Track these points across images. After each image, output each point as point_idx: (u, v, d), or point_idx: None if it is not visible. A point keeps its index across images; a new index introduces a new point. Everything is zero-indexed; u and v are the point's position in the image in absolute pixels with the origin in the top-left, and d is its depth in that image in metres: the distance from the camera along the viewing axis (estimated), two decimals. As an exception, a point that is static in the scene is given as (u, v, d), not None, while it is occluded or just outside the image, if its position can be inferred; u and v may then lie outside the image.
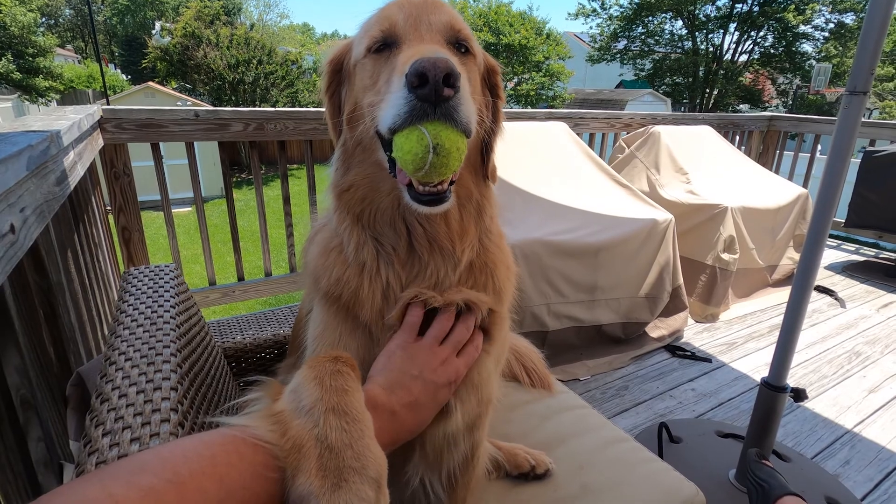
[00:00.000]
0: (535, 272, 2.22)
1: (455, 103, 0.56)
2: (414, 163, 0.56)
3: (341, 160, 0.71)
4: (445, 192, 0.61)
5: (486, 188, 0.75)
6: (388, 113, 0.57)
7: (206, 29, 18.40)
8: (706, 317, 3.01)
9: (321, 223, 0.77)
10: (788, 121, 4.85)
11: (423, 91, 0.54)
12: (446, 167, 0.57)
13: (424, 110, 0.55)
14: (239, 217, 2.97)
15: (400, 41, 0.64)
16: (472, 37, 0.70)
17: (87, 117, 1.74)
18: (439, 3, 0.69)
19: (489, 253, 0.76)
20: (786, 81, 24.11)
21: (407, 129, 0.56)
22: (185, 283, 1.01)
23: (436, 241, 0.69)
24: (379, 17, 0.67)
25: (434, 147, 0.55)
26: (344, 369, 0.58)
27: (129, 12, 49.92)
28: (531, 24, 19.47)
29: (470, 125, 0.58)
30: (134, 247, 2.43)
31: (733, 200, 3.02)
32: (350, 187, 0.70)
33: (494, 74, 0.77)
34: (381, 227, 0.69)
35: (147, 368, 0.63)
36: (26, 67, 21.10)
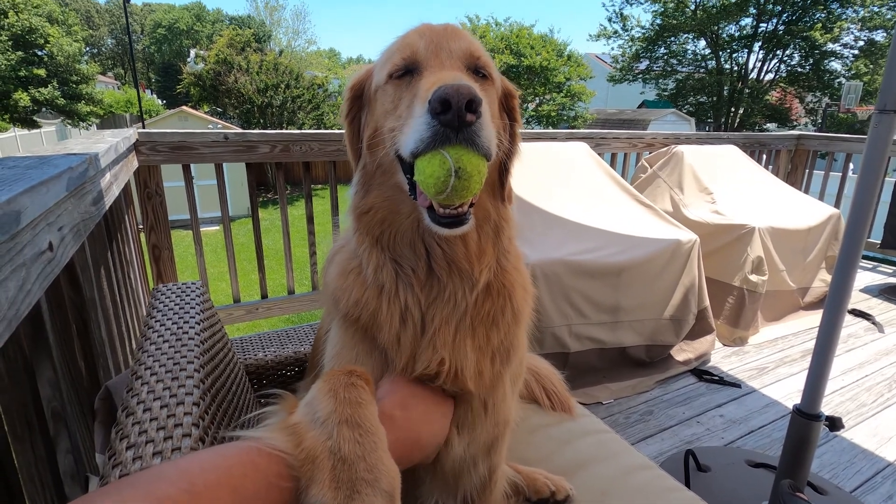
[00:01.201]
0: (556, 292, 2.20)
1: (477, 128, 0.57)
2: (436, 186, 0.58)
3: (361, 183, 0.73)
4: (465, 214, 0.62)
5: (504, 209, 0.76)
6: (410, 137, 0.59)
7: (238, 55, 19.16)
8: (734, 340, 2.91)
9: (340, 244, 0.79)
10: (818, 139, 4.75)
11: (446, 117, 0.56)
12: (467, 190, 0.58)
13: (447, 135, 0.57)
14: (264, 235, 3.04)
15: (421, 68, 0.66)
16: (490, 63, 0.72)
17: (123, 140, 1.83)
18: (459, 30, 0.71)
19: (507, 274, 0.76)
20: (814, 100, 23.62)
21: (429, 154, 0.58)
22: (211, 301, 1.04)
23: (454, 263, 0.69)
24: (400, 44, 0.70)
25: (456, 171, 0.57)
26: (358, 382, 0.58)
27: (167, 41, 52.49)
28: (552, 46, 19.68)
29: (491, 149, 0.59)
30: (163, 264, 2.51)
31: (761, 221, 2.95)
32: (370, 209, 0.71)
33: (511, 98, 0.78)
34: (400, 249, 0.70)
35: (171, 384, 0.64)
36: (70, 94, 22.28)
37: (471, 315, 0.72)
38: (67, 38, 22.11)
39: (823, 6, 20.50)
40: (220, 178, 2.59)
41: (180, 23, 51.40)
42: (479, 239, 0.71)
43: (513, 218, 0.77)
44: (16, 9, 20.17)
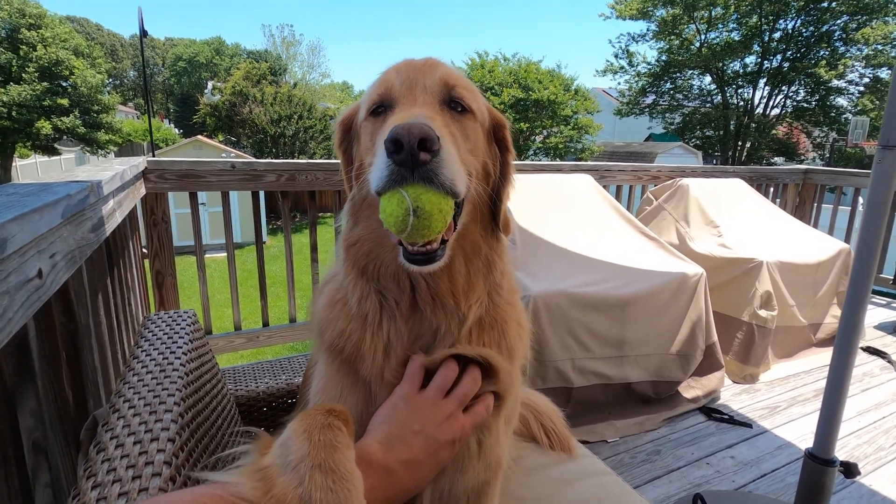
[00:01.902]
0: (559, 325, 2.16)
1: (434, 166, 0.57)
2: (395, 225, 0.57)
3: (350, 213, 0.73)
4: (436, 251, 0.61)
5: (497, 242, 0.75)
6: (373, 176, 0.59)
7: (253, 87, 19.79)
8: (744, 377, 2.83)
9: (331, 274, 0.78)
10: (825, 174, 4.73)
11: (399, 156, 0.56)
12: (428, 229, 0.57)
13: (402, 174, 0.57)
14: (274, 262, 3.05)
15: (394, 104, 0.67)
16: (468, 94, 0.71)
17: (131, 168, 1.86)
18: (436, 63, 0.71)
19: (499, 309, 0.74)
20: (821, 134, 23.74)
21: (389, 193, 0.58)
22: (202, 331, 1.03)
23: (439, 297, 0.68)
24: (379, 81, 0.71)
25: (414, 210, 0.56)
26: (335, 423, 0.56)
27: (187, 73, 54.42)
28: (559, 80, 20.07)
29: (455, 186, 0.58)
30: (166, 291, 2.51)
31: (769, 254, 2.91)
32: (357, 241, 0.71)
33: (502, 129, 0.78)
34: (384, 281, 0.69)
35: (148, 418, 0.62)
36: (90, 122, 23.00)
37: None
38: (91, 70, 22.99)
39: (827, 44, 20.85)
40: (226, 206, 2.62)
41: (200, 56, 53.39)
42: (468, 273, 0.70)
43: (507, 251, 0.76)
44: (44, 42, 21.10)
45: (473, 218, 0.70)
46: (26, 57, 20.75)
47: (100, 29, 57.11)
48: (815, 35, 21.02)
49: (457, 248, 0.68)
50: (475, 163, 0.68)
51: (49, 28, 21.57)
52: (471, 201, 0.68)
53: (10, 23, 20.87)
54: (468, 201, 0.67)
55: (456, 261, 0.68)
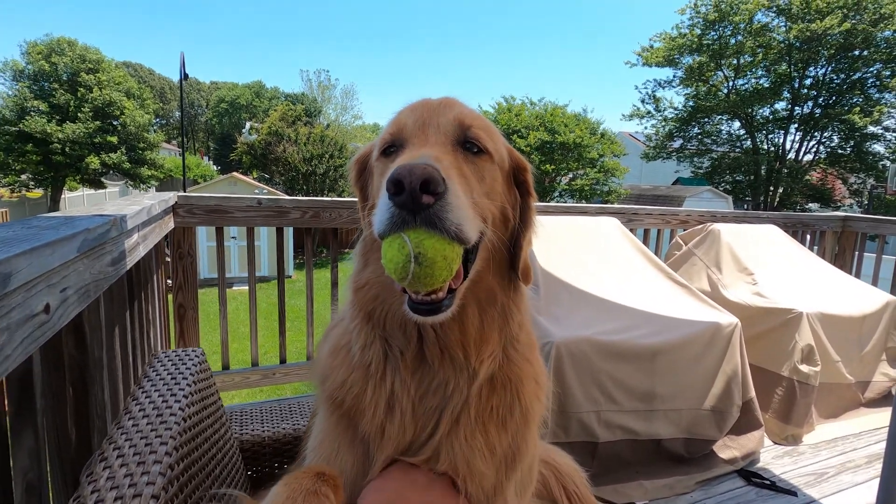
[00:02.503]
0: (584, 375, 2.05)
1: (438, 210, 0.53)
2: (396, 272, 0.54)
3: (360, 254, 0.70)
4: (442, 301, 0.57)
5: (516, 291, 0.70)
6: (376, 218, 0.57)
7: (288, 128, 20.67)
8: (786, 438, 2.62)
9: (338, 318, 0.75)
10: (866, 221, 4.53)
11: (399, 198, 0.53)
12: (431, 277, 0.53)
13: (403, 218, 0.54)
14: (299, 296, 3.05)
15: (405, 144, 0.65)
16: (484, 136, 0.69)
17: (160, 203, 1.90)
18: (452, 102, 0.69)
19: (514, 366, 0.68)
20: (858, 181, 23.07)
21: (391, 237, 0.55)
22: (209, 370, 1.00)
23: (448, 350, 0.63)
24: (393, 120, 0.70)
25: (415, 256, 0.53)
26: (323, 489, 0.51)
27: (228, 114, 57.46)
28: (585, 124, 20.29)
29: (463, 232, 0.55)
30: (187, 324, 2.52)
31: (809, 305, 2.74)
32: (365, 284, 0.67)
33: (523, 172, 0.75)
34: (390, 329, 0.65)
35: (135, 469, 0.58)
36: (135, 159, 24.34)
37: (472, 411, 0.64)
38: (140, 111, 24.53)
39: (860, 91, 20.58)
40: (251, 241, 2.65)
41: (241, 98, 56.50)
42: (482, 324, 0.65)
43: (527, 302, 0.71)
44: (100, 85, 22.72)
45: (489, 265, 0.66)
46: (83, 98, 22.33)
47: (152, 73, 61.40)
48: (848, 82, 20.80)
49: (470, 295, 0.63)
50: (491, 207, 0.65)
51: (105, 72, 23.27)
52: (486, 247, 0.64)
53: (72, 67, 22.62)
54: (483, 247, 0.63)
55: (468, 310, 0.63)
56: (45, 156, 21.82)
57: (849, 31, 18.54)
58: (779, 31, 20.39)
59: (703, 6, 21.34)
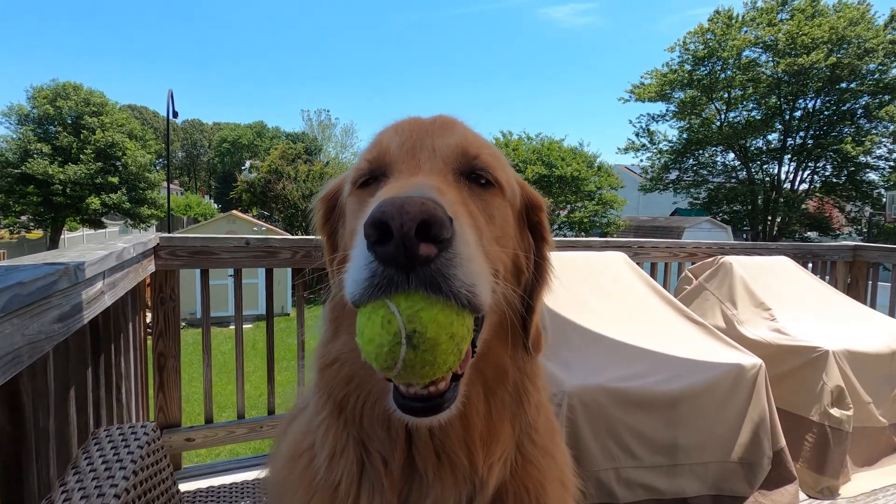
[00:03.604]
0: (599, 427, 1.86)
1: (444, 265, 0.37)
2: (379, 358, 0.37)
3: (329, 319, 0.53)
4: (443, 393, 0.40)
5: (530, 362, 0.53)
6: (349, 278, 0.40)
7: (288, 166, 20.90)
8: (821, 491, 2.39)
9: (302, 403, 0.58)
10: (878, 251, 4.39)
11: (384, 249, 0.37)
12: (432, 365, 0.37)
13: (391, 278, 0.37)
14: (292, 336, 2.87)
15: (389, 172, 0.50)
16: (495, 163, 0.53)
17: (136, 246, 1.77)
18: (451, 122, 0.55)
19: (532, 466, 0.51)
20: (855, 209, 23.16)
21: (370, 305, 0.38)
22: (161, 450, 0.83)
23: (447, 453, 0.46)
24: (372, 143, 0.55)
25: (408, 336, 0.36)
26: None
27: (230, 154, 58.42)
28: (582, 157, 20.52)
29: (477, 296, 0.39)
30: (167, 374, 2.34)
31: (834, 342, 2.57)
32: (335, 361, 0.50)
33: (538, 211, 0.60)
34: (369, 426, 0.48)
35: None
36: (136, 198, 24.48)
37: None
38: (142, 151, 24.86)
39: (851, 121, 20.93)
40: (238, 283, 2.50)
41: (243, 138, 57.52)
42: (489, 412, 0.48)
43: (544, 375, 0.55)
44: (103, 127, 23.10)
45: (498, 332, 0.49)
46: (86, 140, 22.66)
47: (156, 115, 62.76)
48: (837, 113, 21.19)
49: (474, 375, 0.47)
50: (503, 256, 0.49)
51: (109, 114, 23.72)
52: (496, 310, 0.48)
53: (76, 111, 23.07)
54: (492, 310, 0.47)
55: (472, 395, 0.47)
56: (46, 197, 21.95)
57: (835, 64, 19.03)
58: (767, 66, 20.94)
59: (692, 44, 21.99)
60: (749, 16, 21.25)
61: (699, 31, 21.60)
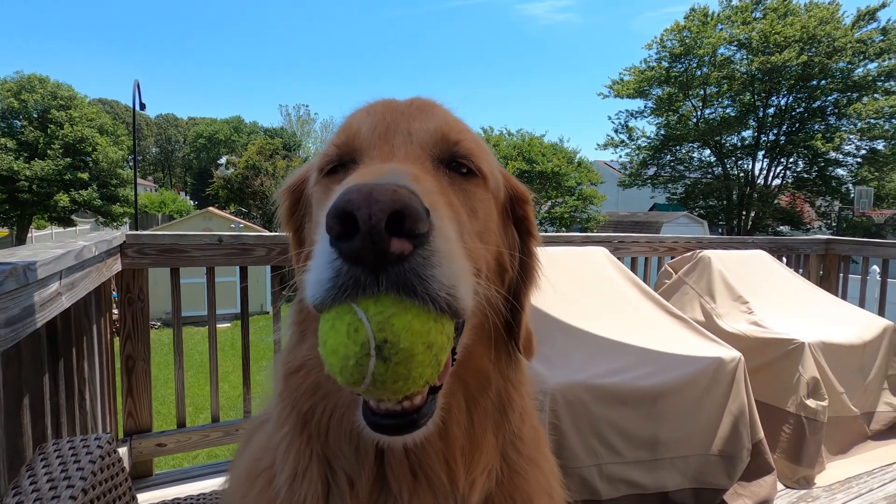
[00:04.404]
0: (582, 424, 1.84)
1: (420, 264, 0.33)
2: (344, 372, 0.32)
3: (296, 323, 0.49)
4: (418, 409, 0.36)
5: (515, 367, 0.49)
6: (310, 279, 0.35)
7: (266, 162, 20.53)
8: (798, 481, 2.43)
9: (264, 415, 0.53)
10: (849, 244, 4.51)
11: (348, 245, 0.32)
12: (406, 380, 0.32)
13: (357, 279, 0.32)
14: (272, 334, 2.80)
15: (359, 159, 0.45)
16: (478, 152, 0.49)
17: (98, 244, 1.68)
18: (429, 105, 0.50)
19: (518, 477, 0.47)
20: (825, 204, 23.88)
21: (335, 310, 0.33)
22: (118, 464, 0.77)
23: (423, 469, 0.42)
24: (341, 126, 0.50)
25: (378, 347, 0.31)
26: None
27: (206, 149, 57.10)
28: (563, 153, 20.69)
29: (457, 299, 0.34)
30: (136, 377, 2.24)
31: (809, 334, 2.61)
32: (300, 368, 0.45)
33: (523, 204, 0.56)
34: (335, 442, 0.43)
35: None
36: (108, 195, 23.74)
37: None
38: (114, 147, 24.10)
39: (821, 118, 21.53)
40: (211, 282, 2.41)
41: (219, 134, 56.24)
42: (471, 423, 0.44)
43: (529, 380, 0.51)
44: (72, 122, 22.31)
45: (481, 337, 0.45)
46: (53, 135, 21.85)
47: (128, 110, 60.92)
48: (809, 110, 21.77)
49: (455, 383, 0.43)
50: (485, 253, 0.45)
51: (78, 108, 22.91)
52: (478, 312, 0.44)
53: (42, 104, 22.22)
54: (473, 313, 0.43)
55: (452, 405, 0.43)
56: (12, 194, 21.13)
57: (806, 62, 19.51)
58: (741, 64, 21.35)
59: (669, 41, 22.29)
60: (724, 14, 21.63)
61: (676, 29, 21.90)
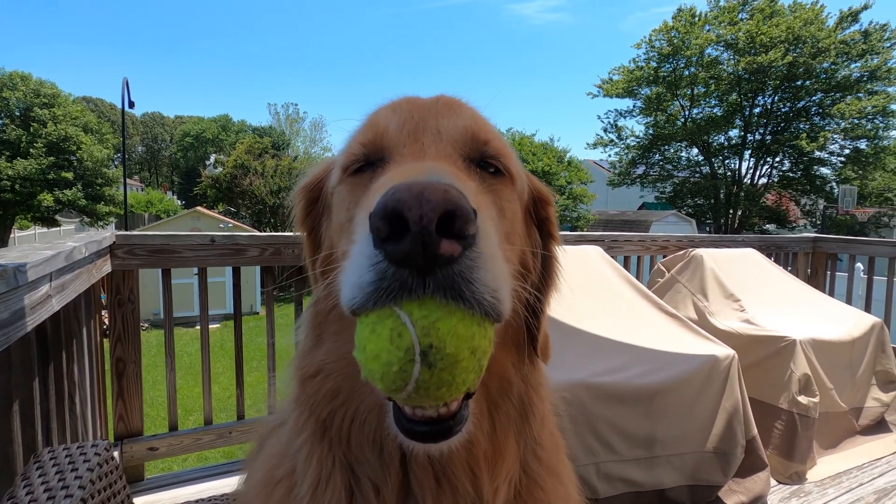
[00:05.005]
0: (580, 423, 1.85)
1: (466, 267, 0.32)
2: (386, 378, 0.31)
3: (311, 326, 0.47)
4: (454, 415, 0.35)
5: (535, 371, 0.49)
6: (346, 281, 0.34)
7: (255, 161, 20.32)
8: (790, 476, 2.46)
9: (278, 418, 0.52)
10: (836, 242, 4.58)
11: (398, 247, 0.31)
12: (450, 386, 0.32)
13: (403, 281, 0.32)
14: (262, 335, 2.76)
15: (389, 158, 0.44)
16: (506, 151, 0.49)
17: (88, 245, 1.64)
18: (455, 103, 0.49)
19: (537, 488, 0.47)
20: (809, 202, 24.28)
21: (375, 314, 0.32)
22: (116, 471, 0.75)
23: (448, 476, 0.41)
24: (366, 123, 0.48)
25: (423, 353, 0.30)
26: None
27: (193, 148, 56.39)
28: (553, 153, 20.79)
29: (501, 302, 0.33)
30: (127, 380, 2.20)
31: (800, 332, 2.64)
32: (318, 372, 0.44)
33: (545, 205, 0.55)
34: (358, 448, 0.42)
35: None
36: (93, 195, 23.33)
37: None
38: (99, 146, 23.69)
39: (806, 118, 21.87)
40: (203, 282, 2.37)
41: (207, 132, 55.57)
42: (494, 429, 0.44)
43: (546, 384, 0.50)
44: (55, 120, 21.89)
45: (504, 340, 0.45)
46: (36, 133, 21.43)
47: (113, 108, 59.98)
48: (794, 110, 22.11)
49: (478, 388, 0.42)
50: (511, 255, 0.44)
51: (62, 107, 22.49)
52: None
53: (24, 102, 21.78)
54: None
55: (476, 411, 0.42)
56: (-7, 193, 20.68)
57: (791, 63, 19.80)
58: (728, 64, 21.61)
59: (657, 41, 22.49)
60: (712, 14, 21.88)
61: (664, 29, 22.10)
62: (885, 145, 20.91)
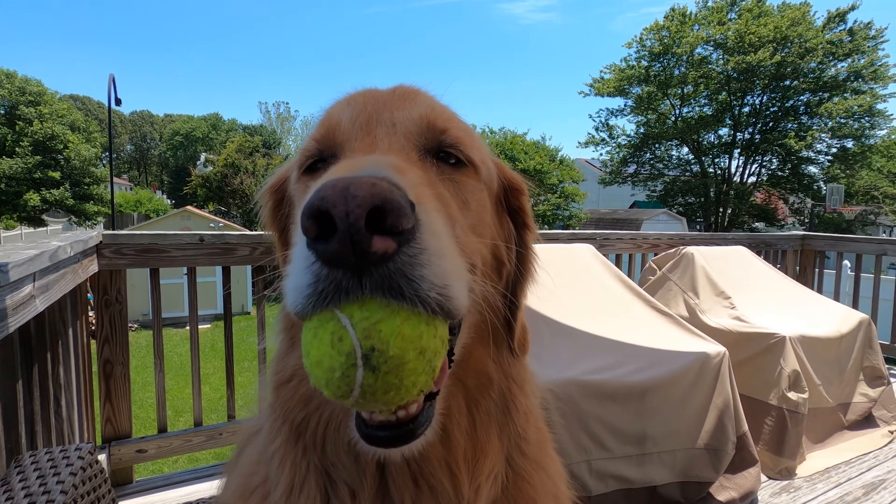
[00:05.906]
0: (572, 420, 1.85)
1: (406, 263, 0.30)
2: (330, 385, 0.30)
3: (284, 329, 0.46)
4: (414, 417, 0.34)
5: (517, 366, 0.48)
6: (289, 284, 0.33)
7: (245, 160, 20.17)
8: (780, 472, 2.48)
9: (256, 425, 0.51)
10: (824, 240, 4.64)
11: (327, 247, 0.30)
12: (398, 389, 0.30)
13: (338, 283, 0.30)
14: (253, 335, 2.74)
15: (340, 152, 0.43)
16: (466, 140, 0.47)
17: (74, 244, 1.61)
18: (412, 92, 0.48)
19: (524, 482, 0.46)
20: (798, 201, 24.56)
21: (317, 318, 0.31)
22: (100, 475, 0.73)
23: (426, 478, 0.40)
24: (321, 119, 0.48)
25: (365, 356, 0.29)
26: None
27: (182, 147, 55.79)
28: (545, 151, 20.84)
29: (451, 298, 0.32)
30: (115, 382, 2.17)
31: (789, 328, 2.67)
32: (291, 378, 0.43)
33: (518, 195, 0.54)
34: (333, 453, 0.42)
35: None
36: (81, 194, 23.03)
37: None
38: (86, 145, 23.38)
39: (794, 117, 22.11)
40: (192, 282, 2.35)
41: (197, 131, 54.98)
42: (474, 426, 0.43)
43: (532, 377, 0.50)
44: (41, 118, 21.58)
45: (480, 335, 0.44)
46: (22, 132, 21.11)
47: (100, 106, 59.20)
48: (782, 109, 22.33)
49: (454, 385, 0.41)
50: (480, 247, 0.43)
51: (48, 105, 22.17)
52: (476, 310, 0.43)
53: (9, 100, 21.44)
54: (470, 311, 0.42)
55: (453, 409, 0.41)
56: (-23, 193, 20.35)
57: (779, 62, 19.99)
58: (717, 63, 21.78)
59: (648, 40, 22.61)
60: (701, 14, 22.02)
61: (655, 28, 22.22)
62: (871, 144, 21.19)
